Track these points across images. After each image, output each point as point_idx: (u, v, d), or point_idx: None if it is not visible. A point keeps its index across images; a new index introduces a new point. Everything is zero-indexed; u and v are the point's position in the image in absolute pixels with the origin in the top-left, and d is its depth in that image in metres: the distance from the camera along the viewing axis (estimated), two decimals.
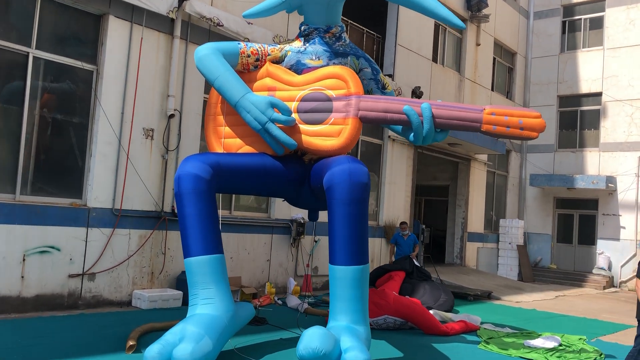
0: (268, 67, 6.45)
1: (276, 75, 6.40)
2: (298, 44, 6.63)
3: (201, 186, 5.33)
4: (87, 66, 7.84)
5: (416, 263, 10.96)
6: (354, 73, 6.25)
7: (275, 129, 5.89)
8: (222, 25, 8.87)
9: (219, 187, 5.61)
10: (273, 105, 5.96)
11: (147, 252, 8.32)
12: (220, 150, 6.32)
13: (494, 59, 18.41)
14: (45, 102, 7.46)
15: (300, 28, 6.70)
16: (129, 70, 8.10)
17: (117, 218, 7.91)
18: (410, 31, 14.23)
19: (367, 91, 6.78)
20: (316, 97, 6.18)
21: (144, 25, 8.23)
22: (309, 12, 6.56)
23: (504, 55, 19.23)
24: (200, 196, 5.36)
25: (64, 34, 7.66)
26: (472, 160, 17.08)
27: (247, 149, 6.30)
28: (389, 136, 13.35)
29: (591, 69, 18.71)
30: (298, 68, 6.46)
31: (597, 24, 18.99)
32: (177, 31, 8.62)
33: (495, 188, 18.81)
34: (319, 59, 6.49)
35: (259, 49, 6.46)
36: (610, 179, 17.35)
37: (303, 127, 6.11)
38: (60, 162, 7.66)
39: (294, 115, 6.15)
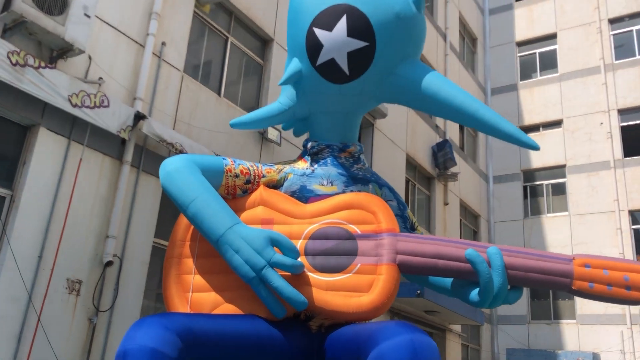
0: (262, 192, 4.53)
1: (273, 204, 4.47)
2: (303, 165, 4.81)
3: None
4: None
5: None
6: (385, 203, 4.45)
7: (277, 279, 3.81)
8: (185, 153, 7.13)
9: None
10: (273, 243, 4.00)
11: None
12: (184, 309, 4.15)
13: (460, 220, 17.41)
14: None
15: (305, 145, 4.98)
16: (58, 200, 6.03)
17: None
18: None
19: None
20: (333, 233, 4.24)
21: (85, 144, 6.35)
22: (318, 125, 4.88)
23: (469, 218, 18.32)
24: None
25: None
26: (446, 331, 15.11)
27: (226, 308, 4.11)
28: None
29: (558, 235, 17.96)
30: (302, 195, 4.58)
31: (559, 190, 18.67)
32: (128, 155, 6.77)
33: None
34: (332, 185, 4.65)
35: (251, 168, 4.60)
36: (596, 356, 15.69)
37: (314, 276, 4.06)
38: None
39: (301, 259, 4.16)
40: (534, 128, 19.74)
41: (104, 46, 6.74)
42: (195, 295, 4.23)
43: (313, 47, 4.41)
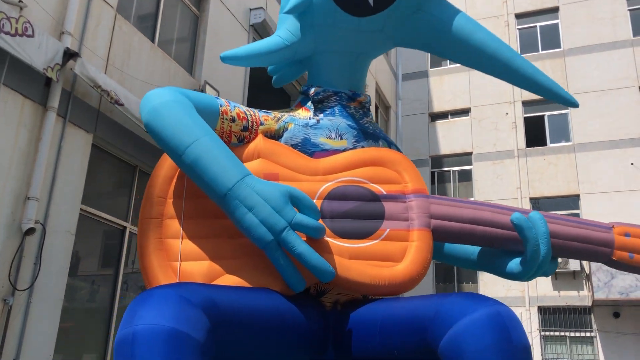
0: (262, 142, 3.69)
1: (276, 157, 3.63)
2: (305, 114, 3.97)
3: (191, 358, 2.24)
4: None
5: None
6: (410, 161, 3.81)
7: (300, 243, 3.02)
8: (122, 105, 6.01)
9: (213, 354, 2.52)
10: (293, 201, 3.19)
11: None
12: (170, 281, 3.21)
13: None
14: None
15: (305, 92, 4.14)
16: None
17: None
18: None
19: None
20: (353, 193, 3.51)
21: (1, 81, 5.09)
22: (324, 67, 4.06)
23: None
24: None
25: None
26: None
27: (227, 280, 3.23)
28: None
29: None
30: (306, 150, 3.78)
31: (466, 177, 19.15)
32: (54, 101, 5.53)
33: None
34: (341, 139, 3.88)
35: (247, 113, 3.70)
36: None
37: (335, 242, 3.33)
38: None
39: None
40: (443, 115, 20.10)
41: None
42: (187, 265, 3.29)
43: None
